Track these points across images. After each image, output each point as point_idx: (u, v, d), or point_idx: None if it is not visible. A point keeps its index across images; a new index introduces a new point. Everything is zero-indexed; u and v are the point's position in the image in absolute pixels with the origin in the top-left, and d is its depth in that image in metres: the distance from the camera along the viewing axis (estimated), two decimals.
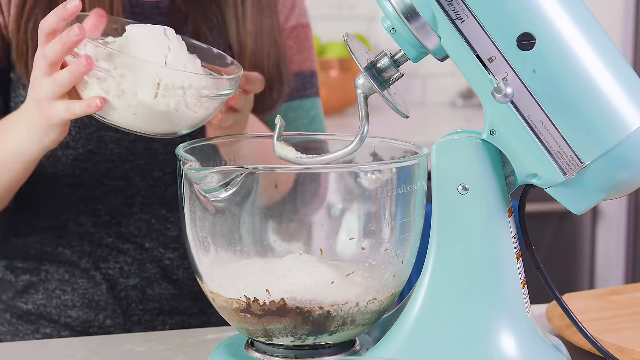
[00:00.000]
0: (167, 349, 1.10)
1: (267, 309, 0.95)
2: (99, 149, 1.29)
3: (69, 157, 1.29)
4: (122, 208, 1.31)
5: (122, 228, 1.32)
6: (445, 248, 0.94)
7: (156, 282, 1.33)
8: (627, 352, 1.03)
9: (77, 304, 1.33)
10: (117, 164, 1.29)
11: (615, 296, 1.23)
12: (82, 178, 1.30)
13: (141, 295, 1.33)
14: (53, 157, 1.28)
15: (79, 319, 1.33)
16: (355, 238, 0.96)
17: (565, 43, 0.89)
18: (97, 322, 1.33)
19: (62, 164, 1.29)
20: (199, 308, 1.35)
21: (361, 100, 0.98)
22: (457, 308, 0.94)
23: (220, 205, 0.94)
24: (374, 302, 0.97)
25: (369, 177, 0.95)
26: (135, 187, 1.31)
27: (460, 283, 0.94)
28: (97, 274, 1.32)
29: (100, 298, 1.32)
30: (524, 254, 0.98)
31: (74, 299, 1.33)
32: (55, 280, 1.33)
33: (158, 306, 1.34)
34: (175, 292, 1.34)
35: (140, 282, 1.33)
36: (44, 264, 1.33)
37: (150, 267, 1.33)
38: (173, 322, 1.35)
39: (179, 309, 1.35)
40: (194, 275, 1.32)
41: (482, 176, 0.94)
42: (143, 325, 1.34)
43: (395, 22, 0.92)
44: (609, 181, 0.91)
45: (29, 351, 1.15)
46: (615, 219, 2.79)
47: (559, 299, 0.97)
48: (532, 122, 0.91)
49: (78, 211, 1.31)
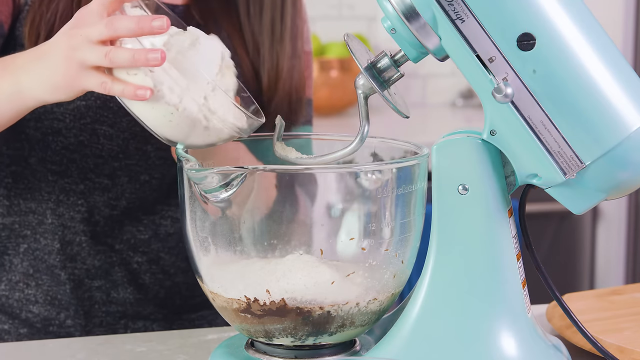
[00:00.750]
0: (167, 349, 1.10)
1: (267, 309, 0.95)
2: (91, 141, 1.27)
3: (58, 144, 1.27)
4: (103, 208, 1.30)
5: (98, 227, 1.30)
6: (445, 248, 0.94)
7: (121, 285, 1.32)
8: (627, 352, 1.03)
9: (40, 300, 1.31)
10: (106, 160, 1.28)
11: (615, 296, 1.23)
12: (69, 168, 1.28)
13: (105, 297, 1.32)
14: (43, 141, 1.26)
15: (40, 315, 1.31)
16: (355, 238, 0.96)
17: (565, 43, 0.89)
18: (57, 321, 1.31)
19: (51, 149, 1.27)
20: (162, 314, 1.34)
21: (361, 100, 0.98)
22: (457, 308, 0.94)
23: (220, 205, 0.94)
24: (374, 302, 0.97)
25: (369, 177, 0.95)
26: (121, 188, 1.29)
27: (460, 283, 0.94)
28: (62, 273, 1.30)
29: (62, 297, 1.31)
30: (524, 254, 0.98)
31: (36, 294, 1.31)
32: (19, 272, 1.31)
33: (121, 309, 1.32)
34: (140, 296, 1.32)
35: (105, 284, 1.31)
36: (7, 254, 1.31)
37: (118, 269, 1.31)
38: (135, 326, 1.33)
39: (142, 314, 1.33)
40: (160, 280, 1.33)
41: (482, 176, 0.94)
42: (104, 327, 1.32)
43: (395, 22, 0.92)
44: (609, 181, 0.91)
45: (29, 351, 1.15)
46: (615, 219, 2.79)
47: (559, 299, 0.97)
48: (532, 122, 0.90)
49: (58, 201, 1.29)
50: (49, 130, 1.26)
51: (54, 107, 1.26)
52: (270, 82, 1.31)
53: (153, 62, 0.94)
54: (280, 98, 1.31)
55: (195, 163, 0.93)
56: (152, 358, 1.08)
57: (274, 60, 1.31)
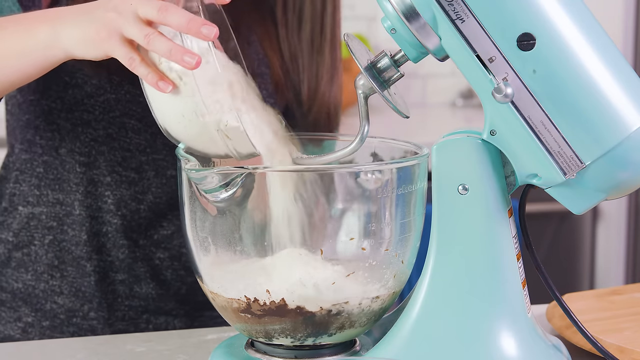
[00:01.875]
0: (167, 349, 1.10)
1: (267, 309, 0.95)
2: (119, 135, 1.29)
3: (87, 136, 1.29)
4: (130, 201, 1.31)
5: (125, 221, 1.31)
6: (445, 248, 0.94)
7: (144, 280, 1.32)
8: (627, 352, 1.03)
9: (65, 291, 1.32)
10: (134, 153, 1.29)
11: (615, 296, 1.23)
12: (97, 160, 1.30)
13: (128, 291, 1.32)
14: (72, 132, 1.29)
15: (64, 307, 1.32)
16: (355, 238, 0.96)
17: (565, 43, 0.89)
18: (81, 312, 1.32)
19: (80, 141, 1.29)
20: (184, 310, 1.35)
21: (361, 100, 0.98)
22: (457, 308, 0.94)
23: (220, 205, 0.94)
24: (373, 302, 0.97)
25: (369, 177, 0.95)
26: (147, 182, 1.31)
27: (460, 283, 0.94)
28: (88, 265, 1.31)
29: (87, 289, 1.31)
30: (524, 254, 0.98)
31: (61, 285, 1.32)
32: (43, 263, 1.32)
33: (144, 304, 1.33)
34: (161, 292, 1.33)
35: (129, 278, 1.32)
36: (33, 244, 1.32)
37: (141, 264, 1.32)
38: (157, 321, 1.34)
39: (164, 309, 1.34)
40: (182, 276, 1.33)
41: (482, 176, 0.94)
42: (126, 321, 1.33)
43: (395, 22, 0.92)
44: (609, 181, 0.91)
45: (29, 351, 1.15)
46: (615, 219, 2.79)
47: (559, 299, 0.97)
48: (532, 122, 0.90)
49: (86, 192, 1.31)
50: (79, 122, 1.28)
51: (84, 99, 1.28)
52: (310, 92, 1.33)
53: (187, 64, 0.93)
54: (319, 107, 1.34)
55: (195, 163, 0.93)
56: (152, 358, 1.08)
57: (313, 71, 1.33)
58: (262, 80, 1.33)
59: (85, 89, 1.28)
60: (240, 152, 0.97)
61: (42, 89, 1.30)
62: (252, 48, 1.33)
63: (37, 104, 1.30)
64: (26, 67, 1.09)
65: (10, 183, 1.34)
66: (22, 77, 1.10)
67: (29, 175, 1.32)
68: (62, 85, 1.28)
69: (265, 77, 1.33)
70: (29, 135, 1.32)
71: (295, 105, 1.34)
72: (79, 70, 1.28)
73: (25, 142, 1.32)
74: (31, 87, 1.30)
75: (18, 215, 1.33)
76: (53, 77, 1.29)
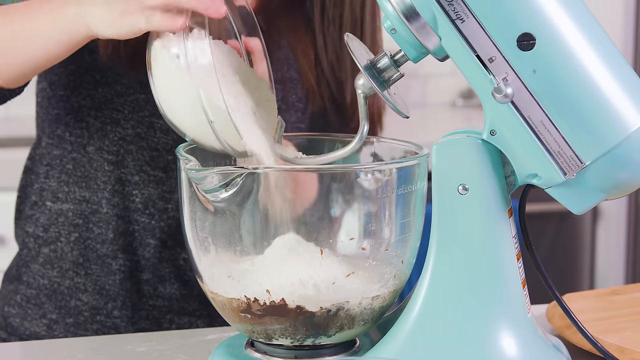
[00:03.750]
0: (168, 349, 1.10)
1: (267, 309, 0.95)
2: (147, 134, 1.30)
3: (116, 135, 1.30)
4: (157, 200, 1.31)
5: (153, 221, 1.32)
6: (445, 248, 0.94)
7: (168, 280, 1.33)
8: (627, 352, 1.03)
9: (89, 289, 1.33)
10: (161, 153, 1.30)
11: (615, 296, 1.23)
12: (125, 159, 1.30)
13: (152, 291, 1.33)
14: (101, 130, 1.29)
15: (89, 304, 1.33)
16: (355, 238, 0.96)
17: (565, 43, 0.89)
18: (105, 311, 1.33)
19: (109, 139, 1.30)
20: (207, 310, 1.35)
21: (361, 100, 0.98)
22: (457, 308, 0.94)
23: (220, 205, 0.94)
24: (374, 302, 0.97)
25: (369, 177, 0.95)
26: (174, 182, 1.31)
27: (460, 283, 0.94)
28: (113, 263, 1.32)
29: (111, 287, 1.32)
30: (524, 254, 0.98)
31: (86, 283, 1.33)
32: (69, 260, 1.33)
33: (167, 304, 1.34)
34: (185, 292, 1.34)
35: (153, 278, 1.33)
36: (60, 241, 1.33)
37: (165, 264, 1.33)
38: (181, 322, 1.34)
39: (188, 310, 1.34)
40: None
41: (482, 176, 0.94)
42: (150, 320, 1.34)
43: (395, 22, 0.92)
44: (609, 181, 0.91)
45: (29, 351, 1.15)
46: (615, 219, 2.79)
47: (559, 299, 0.97)
48: (532, 122, 0.91)
49: (113, 191, 1.31)
50: (108, 120, 1.29)
51: (114, 98, 1.29)
52: (353, 98, 1.34)
53: (213, 12, 0.95)
54: None
55: (195, 163, 0.93)
56: (152, 358, 1.08)
57: None
58: (292, 85, 1.34)
59: (116, 87, 1.29)
60: (229, 144, 0.98)
61: (72, 86, 1.31)
62: (282, 52, 1.34)
63: (67, 100, 1.31)
64: (51, 47, 1.10)
65: (41, 178, 1.35)
66: (47, 57, 1.12)
67: (58, 171, 1.33)
68: (93, 83, 1.30)
69: (295, 82, 1.35)
70: (58, 130, 1.33)
71: (335, 111, 1.36)
72: (109, 69, 1.29)
73: (54, 137, 1.34)
74: (62, 83, 1.32)
75: (47, 211, 1.34)
76: (84, 75, 1.30)
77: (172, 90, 0.98)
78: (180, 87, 0.97)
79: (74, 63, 1.30)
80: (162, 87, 0.99)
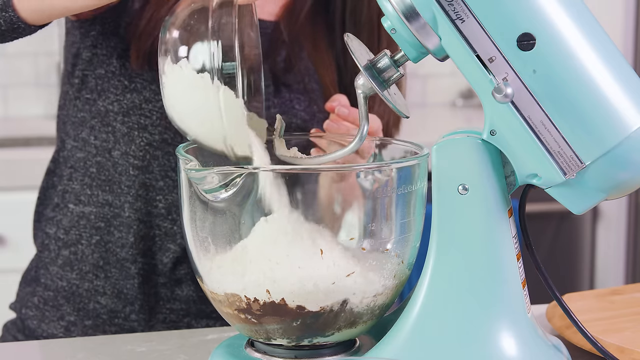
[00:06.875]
0: (168, 349, 1.10)
1: (267, 309, 0.95)
2: (174, 140, 1.30)
3: (143, 140, 1.30)
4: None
5: (175, 227, 1.32)
6: (445, 248, 0.94)
7: (185, 283, 1.33)
8: (627, 352, 1.03)
9: (108, 292, 1.33)
10: None
11: (615, 296, 1.23)
12: (150, 164, 1.31)
13: (169, 294, 1.33)
14: (128, 136, 1.30)
15: (107, 307, 1.33)
16: (355, 238, 0.96)
17: (565, 43, 0.89)
18: (122, 314, 1.33)
19: (135, 144, 1.30)
20: None
21: (361, 100, 0.98)
22: (457, 308, 0.94)
23: (220, 205, 0.94)
24: (373, 302, 0.97)
25: (369, 177, 0.95)
26: None
27: (460, 283, 0.94)
28: (133, 267, 1.32)
29: (129, 290, 1.33)
30: (524, 254, 0.98)
31: (105, 285, 1.33)
32: (89, 263, 1.33)
33: (185, 307, 1.34)
34: (202, 295, 1.33)
35: (170, 281, 1.33)
36: (81, 243, 1.33)
37: (181, 267, 1.33)
38: (198, 325, 1.35)
39: (205, 312, 1.35)
40: None
41: (482, 176, 0.94)
42: (167, 324, 1.34)
43: (395, 22, 0.92)
44: (609, 181, 0.91)
45: (29, 351, 1.15)
46: (615, 219, 2.79)
47: (559, 299, 0.97)
48: (532, 122, 0.91)
49: (137, 196, 1.31)
50: (136, 126, 1.29)
51: (142, 104, 1.30)
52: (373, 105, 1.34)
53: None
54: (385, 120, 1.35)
55: (195, 163, 0.93)
56: (152, 358, 1.08)
57: None
58: (314, 96, 1.35)
59: (144, 94, 1.30)
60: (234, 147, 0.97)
61: (99, 90, 1.31)
62: (303, 64, 1.35)
63: (93, 104, 1.32)
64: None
65: (64, 180, 1.35)
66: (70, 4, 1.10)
67: (81, 174, 1.34)
68: (121, 89, 1.30)
69: (316, 92, 1.35)
70: (83, 134, 1.33)
71: None
72: (138, 76, 1.30)
73: (79, 139, 1.34)
74: (89, 86, 1.32)
75: (69, 213, 1.35)
76: (111, 80, 1.31)
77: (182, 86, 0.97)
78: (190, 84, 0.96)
79: (101, 67, 1.30)
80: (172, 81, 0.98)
